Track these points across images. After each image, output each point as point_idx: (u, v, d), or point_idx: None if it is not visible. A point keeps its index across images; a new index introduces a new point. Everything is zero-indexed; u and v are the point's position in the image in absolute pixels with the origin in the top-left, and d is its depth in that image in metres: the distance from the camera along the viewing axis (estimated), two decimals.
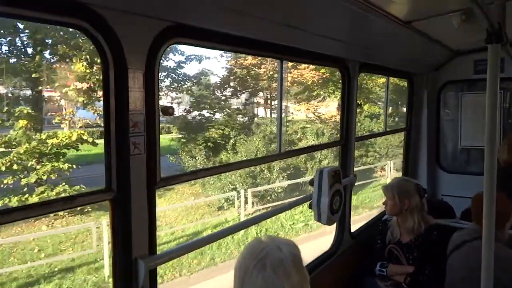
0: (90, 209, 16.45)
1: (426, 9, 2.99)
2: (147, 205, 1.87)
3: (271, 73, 25.52)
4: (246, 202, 18.18)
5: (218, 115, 24.16)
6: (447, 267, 3.39)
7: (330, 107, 27.02)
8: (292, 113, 27.33)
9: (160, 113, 1.92)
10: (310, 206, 3.22)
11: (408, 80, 5.22)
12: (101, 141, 16.22)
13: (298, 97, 26.80)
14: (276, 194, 19.86)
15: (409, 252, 3.68)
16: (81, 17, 1.54)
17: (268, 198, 19.59)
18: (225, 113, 24.15)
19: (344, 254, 3.90)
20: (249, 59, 25.01)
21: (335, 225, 3.72)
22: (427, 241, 3.64)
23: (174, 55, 24.86)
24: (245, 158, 18.04)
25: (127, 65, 1.70)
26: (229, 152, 20.87)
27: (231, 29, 2.19)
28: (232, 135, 21.60)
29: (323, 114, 26.67)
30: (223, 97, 26.08)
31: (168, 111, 1.98)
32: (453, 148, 5.60)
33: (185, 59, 25.58)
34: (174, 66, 25.11)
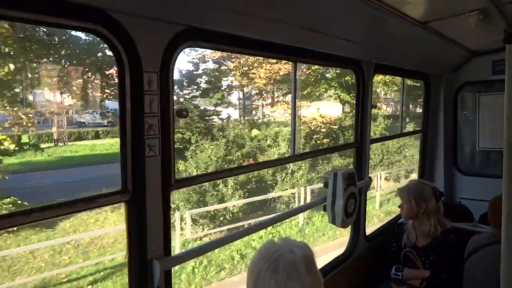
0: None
1: (443, 9, 2.95)
2: (162, 206, 1.89)
3: (244, 68, 23.66)
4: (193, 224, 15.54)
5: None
6: (464, 271, 3.33)
7: (319, 108, 24.97)
8: (268, 114, 25.20)
9: (175, 115, 1.94)
10: (324, 209, 3.20)
11: (424, 81, 5.14)
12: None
13: (278, 96, 25.17)
14: (231, 215, 16.88)
15: (425, 256, 3.63)
16: (97, 22, 1.57)
17: (222, 219, 16.57)
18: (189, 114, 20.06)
19: (359, 257, 3.86)
20: (219, 52, 22.70)
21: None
22: (444, 245, 3.58)
23: None
24: (196, 171, 16.31)
25: (143, 68, 1.73)
26: (187, 160, 17.71)
27: (244, 32, 2.20)
28: (194, 140, 18.83)
29: (304, 116, 23.82)
30: (187, 96, 23.28)
31: (182, 113, 2.00)
32: (471, 150, 5.49)
33: None
34: None
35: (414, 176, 21.91)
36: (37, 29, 15.67)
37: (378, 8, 2.53)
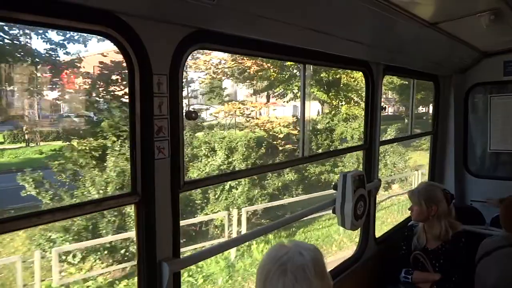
0: None
1: (453, 9, 2.92)
2: (171, 208, 1.90)
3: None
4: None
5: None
6: (476, 275, 3.28)
7: (275, 109, 23.19)
8: (211, 114, 21.84)
9: (184, 118, 1.95)
10: (333, 211, 3.19)
11: (434, 82, 5.10)
12: None
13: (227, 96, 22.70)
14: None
15: (436, 259, 3.59)
16: (107, 24, 1.58)
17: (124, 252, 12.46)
18: (117, 113, 15.32)
19: (369, 260, 3.83)
20: None
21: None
22: (455, 248, 3.54)
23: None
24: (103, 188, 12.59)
25: (152, 71, 1.74)
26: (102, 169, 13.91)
27: (253, 34, 2.20)
28: (117, 146, 14.47)
29: (255, 118, 21.52)
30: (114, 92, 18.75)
31: (192, 115, 2.01)
32: (482, 152, 5.42)
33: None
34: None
35: (396, 187, 20.79)
36: None
37: (387, 9, 2.52)
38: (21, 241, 12.04)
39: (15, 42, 16.87)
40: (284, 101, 23.91)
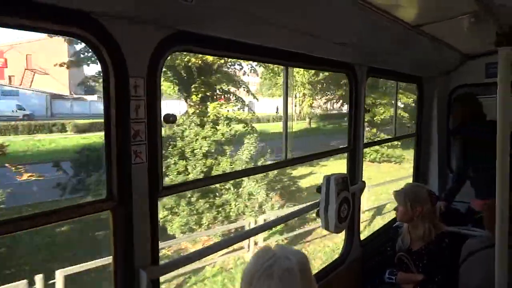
0: None
1: (435, 12, 2.94)
2: (150, 214, 1.85)
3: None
4: None
5: None
6: (460, 276, 3.29)
7: None
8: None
9: (162, 121, 1.90)
10: (317, 214, 3.17)
11: (418, 84, 5.14)
12: None
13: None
14: None
15: (419, 260, 3.60)
16: (80, 26, 1.53)
17: None
18: None
19: (354, 262, 3.83)
20: None
21: None
22: (438, 248, 3.56)
23: None
24: None
25: (129, 73, 1.69)
26: None
27: (234, 35, 2.17)
28: None
29: None
30: None
31: (170, 119, 1.96)
32: None
33: None
34: None
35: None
36: None
37: (371, 12, 2.51)
38: None
39: None
40: None
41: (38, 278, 9.62)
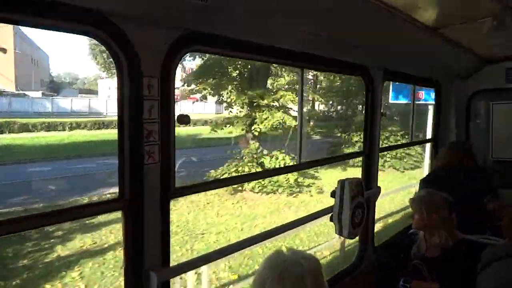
0: None
1: (455, 15, 2.87)
2: (161, 215, 1.84)
3: None
4: None
5: None
6: (476, 285, 3.20)
7: None
8: None
9: (176, 122, 1.89)
10: (331, 219, 3.12)
11: (435, 89, 5.05)
12: None
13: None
14: None
15: (434, 268, 3.51)
16: (95, 25, 1.54)
17: None
18: None
19: (367, 268, 3.76)
20: None
21: None
22: (455, 257, 3.46)
23: None
24: None
25: (142, 73, 1.68)
26: None
27: (249, 36, 2.15)
28: None
29: None
30: None
31: (184, 119, 1.95)
32: (483, 161, 5.35)
33: None
34: None
35: None
36: None
37: (388, 13, 2.47)
38: None
39: None
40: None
41: None
